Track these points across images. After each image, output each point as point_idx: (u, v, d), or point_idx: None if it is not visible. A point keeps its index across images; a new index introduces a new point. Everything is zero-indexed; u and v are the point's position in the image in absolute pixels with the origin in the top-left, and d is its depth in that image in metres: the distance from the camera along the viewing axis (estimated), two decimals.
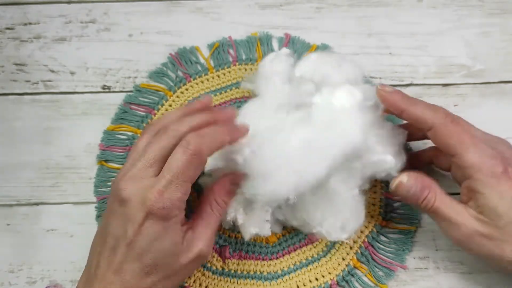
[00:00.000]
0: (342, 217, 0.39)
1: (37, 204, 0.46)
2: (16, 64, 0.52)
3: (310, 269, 0.44)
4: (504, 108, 0.50)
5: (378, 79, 0.51)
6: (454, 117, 0.38)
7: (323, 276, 0.44)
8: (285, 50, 0.45)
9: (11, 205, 0.46)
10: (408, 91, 0.51)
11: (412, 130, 0.42)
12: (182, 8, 0.54)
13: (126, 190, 0.33)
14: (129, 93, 0.50)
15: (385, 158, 0.39)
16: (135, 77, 0.51)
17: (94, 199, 0.46)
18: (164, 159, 0.34)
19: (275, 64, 0.43)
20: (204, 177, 0.42)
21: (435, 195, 0.38)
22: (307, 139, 0.37)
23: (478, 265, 0.44)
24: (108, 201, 0.36)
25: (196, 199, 0.45)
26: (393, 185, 0.39)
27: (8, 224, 0.46)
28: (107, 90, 0.51)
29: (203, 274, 0.44)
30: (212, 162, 0.39)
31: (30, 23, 0.54)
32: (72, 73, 0.51)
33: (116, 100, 0.50)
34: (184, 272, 0.36)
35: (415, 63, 0.52)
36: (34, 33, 0.53)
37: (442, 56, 0.52)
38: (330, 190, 0.39)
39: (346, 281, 0.44)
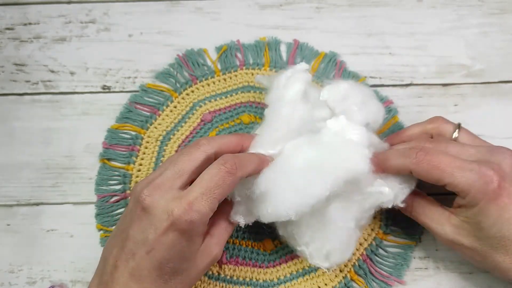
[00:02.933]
0: (330, 245, 0.39)
1: (37, 204, 0.47)
2: (16, 64, 0.52)
3: (307, 279, 0.44)
4: (504, 108, 0.50)
5: (378, 79, 0.51)
6: (427, 150, 0.37)
7: (319, 287, 0.44)
8: (303, 66, 0.43)
9: (11, 205, 0.47)
10: (408, 91, 0.51)
11: None
12: (182, 8, 0.54)
13: (150, 197, 0.33)
14: (134, 93, 0.50)
15: (382, 190, 0.38)
16: (135, 77, 0.51)
17: (94, 199, 0.46)
18: (192, 173, 0.34)
19: (291, 83, 0.41)
20: None
21: (412, 203, 0.39)
22: (311, 160, 0.37)
23: None
24: (128, 205, 0.35)
25: None
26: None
27: (8, 224, 0.46)
28: (107, 90, 0.51)
29: (199, 279, 0.44)
30: None
31: (30, 23, 0.54)
32: (72, 73, 0.51)
33: (116, 100, 0.50)
34: (199, 274, 0.36)
35: (415, 63, 0.52)
36: (34, 33, 0.53)
37: (442, 56, 0.52)
38: (327, 216, 0.38)
39: None
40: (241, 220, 0.38)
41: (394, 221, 0.45)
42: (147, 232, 0.32)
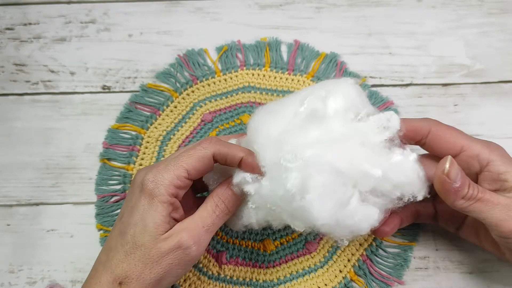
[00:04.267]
0: None
1: (37, 204, 0.46)
2: (16, 64, 0.52)
3: (307, 279, 0.44)
4: (504, 108, 0.50)
5: (378, 79, 0.51)
6: (442, 123, 0.39)
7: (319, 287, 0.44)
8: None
9: (11, 205, 0.46)
10: (408, 91, 0.51)
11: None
12: (182, 8, 0.54)
13: (141, 173, 0.35)
14: (135, 93, 0.50)
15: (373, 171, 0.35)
16: (135, 77, 0.51)
17: (94, 199, 0.46)
18: (190, 166, 0.35)
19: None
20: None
21: (476, 185, 0.36)
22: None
23: (478, 265, 0.44)
24: None
25: None
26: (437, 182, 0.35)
27: (8, 225, 0.46)
28: (107, 90, 0.51)
29: (199, 278, 0.44)
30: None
31: (30, 24, 0.54)
32: (72, 73, 0.51)
33: (116, 100, 0.50)
34: (163, 263, 0.34)
35: (415, 63, 0.52)
36: (34, 33, 0.53)
37: (441, 56, 0.52)
38: None
39: None
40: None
41: None
42: (126, 201, 0.35)
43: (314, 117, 0.35)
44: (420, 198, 0.35)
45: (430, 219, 0.42)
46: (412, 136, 0.38)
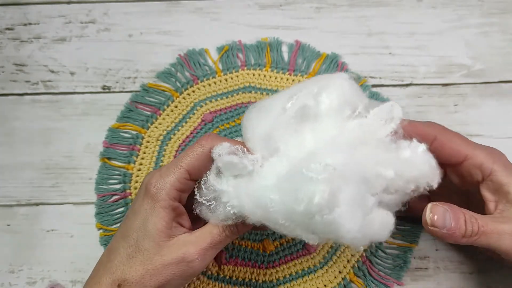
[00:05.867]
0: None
1: (37, 204, 0.46)
2: (16, 65, 0.52)
3: (306, 280, 0.44)
4: (504, 108, 0.50)
5: (378, 79, 0.51)
6: (447, 128, 0.38)
7: None
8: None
9: (11, 206, 0.46)
10: (408, 91, 0.51)
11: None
12: (182, 8, 0.54)
13: (145, 177, 0.35)
14: (136, 92, 0.50)
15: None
16: (135, 77, 0.51)
17: (94, 199, 0.46)
18: (189, 165, 0.35)
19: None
20: None
21: (473, 216, 0.34)
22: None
23: (478, 265, 0.44)
24: None
25: None
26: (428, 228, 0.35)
27: (8, 225, 0.46)
28: (107, 90, 0.51)
29: (198, 278, 0.44)
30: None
31: (30, 24, 0.54)
32: (72, 73, 0.51)
33: (116, 100, 0.50)
34: (165, 273, 0.33)
35: (415, 63, 0.52)
36: (34, 33, 0.53)
37: (442, 56, 0.52)
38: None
39: None
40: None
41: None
42: (132, 203, 0.35)
43: (305, 115, 0.34)
44: (435, 186, 0.34)
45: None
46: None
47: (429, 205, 0.34)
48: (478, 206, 0.37)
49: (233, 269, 0.44)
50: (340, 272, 0.44)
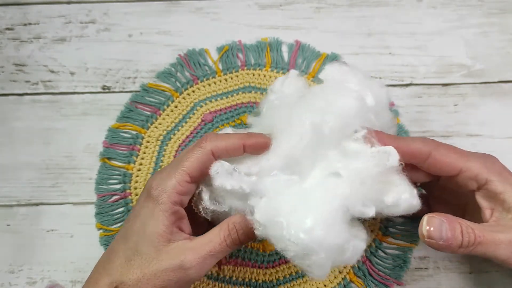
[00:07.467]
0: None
1: (37, 204, 0.46)
2: (16, 65, 0.52)
3: (306, 280, 0.44)
4: (504, 108, 0.50)
5: (378, 79, 0.51)
6: (440, 142, 0.37)
7: None
8: (293, 72, 0.41)
9: (11, 206, 0.46)
10: (408, 91, 0.51)
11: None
12: (182, 8, 0.54)
13: (149, 179, 0.35)
14: (136, 92, 0.50)
15: (388, 149, 0.34)
16: (135, 77, 0.51)
17: (94, 199, 0.46)
18: (191, 167, 0.35)
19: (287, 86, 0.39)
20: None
21: (470, 226, 0.34)
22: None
23: (478, 265, 0.44)
24: None
25: None
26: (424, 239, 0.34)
27: (8, 225, 0.46)
28: (107, 90, 0.51)
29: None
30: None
31: (30, 24, 0.54)
32: (72, 74, 0.51)
33: (116, 100, 0.50)
34: (161, 278, 0.33)
35: (415, 63, 0.52)
36: (34, 33, 0.53)
37: (442, 56, 0.52)
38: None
39: None
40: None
41: (394, 223, 0.45)
42: (134, 205, 0.35)
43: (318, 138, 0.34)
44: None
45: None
46: (411, 160, 0.36)
47: (425, 217, 0.34)
48: (474, 210, 0.37)
49: (233, 269, 0.44)
50: (340, 272, 0.44)
